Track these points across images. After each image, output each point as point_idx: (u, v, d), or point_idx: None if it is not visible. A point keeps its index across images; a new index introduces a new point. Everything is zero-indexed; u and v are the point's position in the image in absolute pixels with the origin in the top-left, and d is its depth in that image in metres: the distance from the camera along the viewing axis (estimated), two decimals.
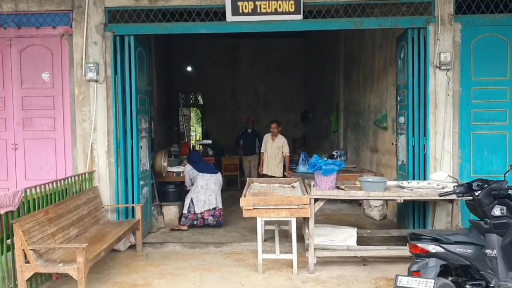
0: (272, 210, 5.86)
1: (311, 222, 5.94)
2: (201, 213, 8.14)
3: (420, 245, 4.13)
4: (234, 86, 17.98)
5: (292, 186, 7.02)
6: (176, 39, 17.17)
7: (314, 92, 15.86)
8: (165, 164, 8.63)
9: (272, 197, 5.96)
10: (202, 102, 18.37)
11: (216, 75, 17.84)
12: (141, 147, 7.37)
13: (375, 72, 9.53)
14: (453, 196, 4.84)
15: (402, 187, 6.08)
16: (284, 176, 9.55)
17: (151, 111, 11.96)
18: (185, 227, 8.10)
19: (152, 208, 8.17)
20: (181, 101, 13.12)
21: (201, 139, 19.72)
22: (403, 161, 7.32)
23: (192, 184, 8.33)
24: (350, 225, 8.06)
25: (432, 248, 4.07)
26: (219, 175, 8.53)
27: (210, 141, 14.01)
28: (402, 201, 5.89)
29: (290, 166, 9.66)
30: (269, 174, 9.58)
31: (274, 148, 9.55)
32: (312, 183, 6.46)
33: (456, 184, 4.79)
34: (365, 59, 10.20)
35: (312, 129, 16.17)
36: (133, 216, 7.21)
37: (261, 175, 9.76)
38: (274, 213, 5.88)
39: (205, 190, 8.16)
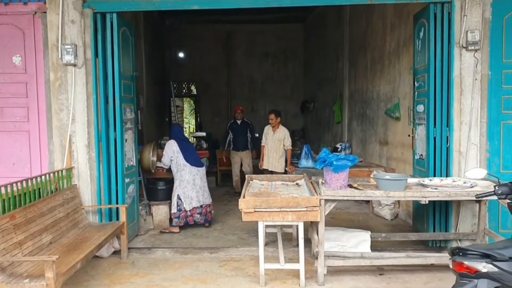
0: (276, 213, 5.02)
1: (321, 227, 5.13)
2: (190, 210, 7.35)
3: (467, 262, 3.31)
4: (229, 74, 17.08)
5: (297, 184, 6.19)
6: (168, 24, 16.36)
7: (315, 80, 15.01)
8: (154, 158, 7.79)
9: (276, 198, 5.11)
10: (195, 92, 17.44)
11: (210, 63, 17.03)
12: (126, 140, 6.52)
13: (385, 56, 8.70)
14: (494, 198, 4.05)
15: (424, 185, 5.29)
16: (285, 171, 8.75)
17: (139, 100, 11.18)
18: (176, 229, 7.28)
19: (140, 208, 7.34)
20: (173, 90, 12.19)
21: (194, 131, 18.89)
22: (421, 155, 6.50)
23: (172, 169, 7.45)
24: (358, 226, 7.34)
25: (483, 266, 3.26)
26: (204, 168, 7.77)
27: (204, 134, 13.14)
28: (427, 202, 5.08)
29: (292, 161, 8.80)
30: (269, 169, 8.78)
31: (275, 140, 8.72)
32: (320, 180, 5.66)
33: (498, 183, 3.99)
34: (373, 42, 9.37)
35: (313, 120, 15.33)
36: (117, 218, 6.36)
37: (261, 171, 8.96)
38: (279, 217, 5.04)
39: (192, 186, 7.33)
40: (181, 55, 16.97)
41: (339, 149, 10.70)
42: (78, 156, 6.29)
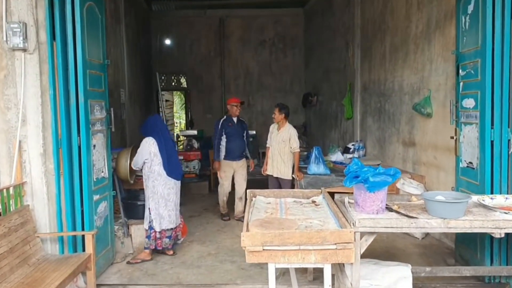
0: (293, 252, 3.60)
1: (356, 270, 3.73)
2: (159, 232, 5.83)
3: None
4: (223, 65, 15.56)
5: (314, 203, 4.77)
6: (155, 10, 14.91)
7: (318, 71, 13.56)
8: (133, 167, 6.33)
9: (293, 232, 3.65)
10: (185, 85, 15.94)
11: (201, 53, 15.59)
12: (94, 146, 5.08)
13: (410, 40, 7.30)
14: None
15: (487, 207, 3.92)
16: (293, 178, 7.34)
17: (119, 94, 9.75)
18: (148, 256, 5.83)
19: (116, 228, 5.94)
20: (159, 82, 10.68)
21: (185, 128, 17.40)
22: (470, 162, 5.09)
23: (143, 173, 5.92)
24: (384, 248, 6.01)
25: None
26: (179, 181, 6.15)
27: (195, 132, 11.68)
28: (502, 235, 3.69)
29: (299, 166, 7.36)
30: (274, 175, 7.34)
31: (279, 141, 7.28)
32: (347, 200, 4.29)
33: None
34: (394, 25, 7.95)
35: (316, 115, 13.89)
36: (83, 248, 4.94)
37: (265, 178, 7.57)
38: (297, 257, 3.60)
39: (166, 202, 5.80)
40: (169, 44, 15.45)
41: (351, 150, 9.33)
42: (31, 169, 4.85)
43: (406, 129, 7.53)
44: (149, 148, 5.70)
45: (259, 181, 8.47)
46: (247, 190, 4.99)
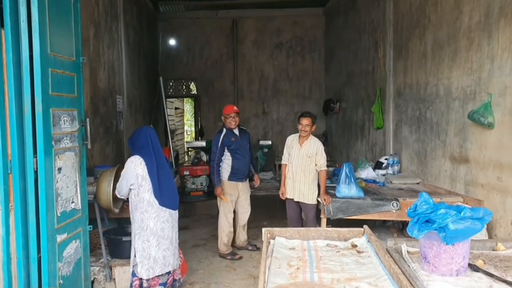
0: None
1: None
2: (148, 281, 4.44)
3: None
4: (236, 70, 14.31)
5: (355, 247, 3.46)
6: (163, 11, 13.75)
7: (341, 75, 12.21)
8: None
9: None
10: (195, 91, 14.69)
11: (213, 57, 14.38)
12: (59, 169, 3.81)
13: (460, 34, 5.97)
14: None
15: None
16: (318, 202, 6.02)
17: (117, 103, 8.52)
18: None
19: (97, 269, 4.68)
20: (162, 88, 9.36)
21: (193, 139, 16.13)
22: None
23: (130, 204, 4.55)
24: None
25: None
26: (177, 211, 4.78)
27: (203, 143, 10.42)
28: None
29: (326, 187, 6.02)
30: (295, 199, 6.03)
31: (303, 157, 5.96)
32: (405, 248, 3.05)
33: None
34: (437, 18, 6.62)
35: (339, 123, 12.53)
36: None
37: (282, 202, 6.27)
38: None
39: (159, 240, 4.45)
40: (177, 47, 14.24)
41: (384, 165, 7.96)
42: None
43: (455, 141, 6.18)
44: (135, 169, 4.37)
45: (263, 198, 7.08)
46: (263, 230, 3.68)
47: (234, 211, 6.73)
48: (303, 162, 5.93)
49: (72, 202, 4.05)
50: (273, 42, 14.30)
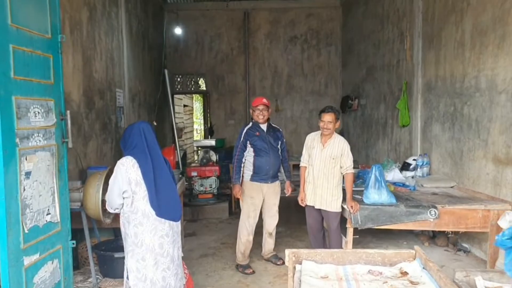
0: None
1: None
2: None
3: None
4: (247, 65, 13.49)
5: (405, 275, 2.67)
6: (170, 2, 13.00)
7: (360, 70, 11.37)
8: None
9: None
10: (204, 87, 13.91)
11: (223, 51, 13.54)
12: (26, 173, 3.05)
13: (507, 17, 5.16)
14: None
15: None
16: (343, 209, 5.22)
17: (117, 97, 7.76)
18: None
19: None
20: (168, 81, 8.52)
21: (202, 137, 15.35)
22: None
23: (121, 218, 3.74)
24: None
25: None
26: (180, 222, 3.98)
27: (212, 142, 9.64)
28: None
29: (352, 193, 5.22)
30: (316, 207, 5.22)
31: (326, 158, 5.15)
32: (480, 282, 2.21)
33: None
34: (479, 0, 5.81)
35: (357, 121, 11.69)
36: None
37: (301, 209, 5.48)
38: None
39: (157, 258, 3.64)
40: (185, 40, 13.46)
41: (411, 166, 7.16)
42: None
43: (501, 140, 5.36)
44: (126, 173, 3.58)
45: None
46: (286, 252, 2.90)
47: (261, 217, 5.95)
48: (326, 165, 5.12)
49: (48, 214, 3.30)
50: (287, 35, 13.46)
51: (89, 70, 6.38)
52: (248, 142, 5.72)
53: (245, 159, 5.73)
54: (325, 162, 5.12)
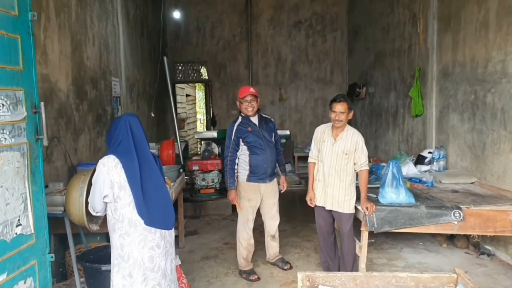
0: None
1: None
2: None
3: None
4: (250, 52, 12.98)
5: None
6: None
7: (367, 56, 10.83)
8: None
9: None
10: (206, 76, 13.40)
11: (225, 38, 13.03)
12: None
13: None
14: None
15: None
16: (356, 209, 4.72)
17: (113, 87, 7.27)
18: None
19: None
20: (167, 69, 7.98)
21: (205, 128, 14.82)
22: None
23: (109, 224, 3.27)
24: None
25: None
26: (173, 230, 3.44)
27: (215, 133, 9.13)
28: None
29: (367, 192, 4.72)
30: (327, 208, 4.72)
31: (338, 154, 4.62)
32: None
33: None
34: None
35: (365, 111, 11.16)
36: None
37: (311, 210, 4.98)
38: None
39: (145, 272, 3.16)
40: (186, 27, 12.94)
41: (426, 160, 6.65)
42: None
43: None
44: (108, 175, 3.11)
45: (281, 196, 5.65)
46: (299, 276, 2.41)
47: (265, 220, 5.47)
48: (338, 161, 4.61)
49: (19, 225, 2.81)
50: (291, 21, 12.92)
51: (79, 57, 5.88)
52: (240, 140, 5.09)
53: (238, 159, 5.15)
54: (337, 158, 4.61)
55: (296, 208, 8.23)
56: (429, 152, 6.68)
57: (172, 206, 3.44)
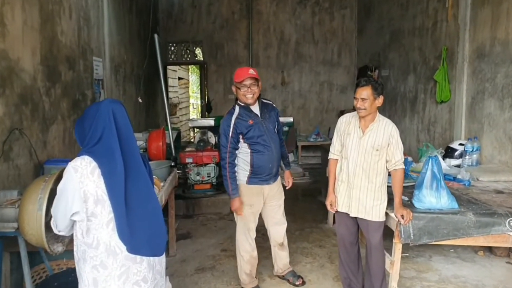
0: None
1: None
2: None
3: None
4: (250, 31, 12.05)
5: None
6: None
7: (381, 35, 9.87)
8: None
9: None
10: (201, 57, 12.45)
11: (222, 15, 12.10)
12: None
13: None
14: None
15: None
16: (386, 216, 3.82)
17: (94, 68, 6.33)
18: None
19: None
20: (158, 48, 7.01)
21: (198, 114, 13.90)
22: None
23: (74, 249, 2.39)
24: None
25: None
26: (164, 256, 2.55)
27: (211, 121, 8.21)
28: None
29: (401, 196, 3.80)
30: (351, 214, 3.79)
31: (367, 149, 3.72)
32: None
33: None
34: None
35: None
36: None
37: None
38: None
39: None
40: (179, 3, 12.04)
41: (456, 153, 5.76)
42: None
43: None
44: (81, 183, 2.23)
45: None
46: None
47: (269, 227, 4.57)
48: (366, 158, 3.69)
49: None
50: None
51: (51, 31, 4.93)
52: (240, 136, 4.12)
53: (236, 158, 4.20)
54: (365, 154, 3.69)
55: (300, 204, 7.35)
56: (460, 144, 5.78)
57: (164, 224, 2.52)
